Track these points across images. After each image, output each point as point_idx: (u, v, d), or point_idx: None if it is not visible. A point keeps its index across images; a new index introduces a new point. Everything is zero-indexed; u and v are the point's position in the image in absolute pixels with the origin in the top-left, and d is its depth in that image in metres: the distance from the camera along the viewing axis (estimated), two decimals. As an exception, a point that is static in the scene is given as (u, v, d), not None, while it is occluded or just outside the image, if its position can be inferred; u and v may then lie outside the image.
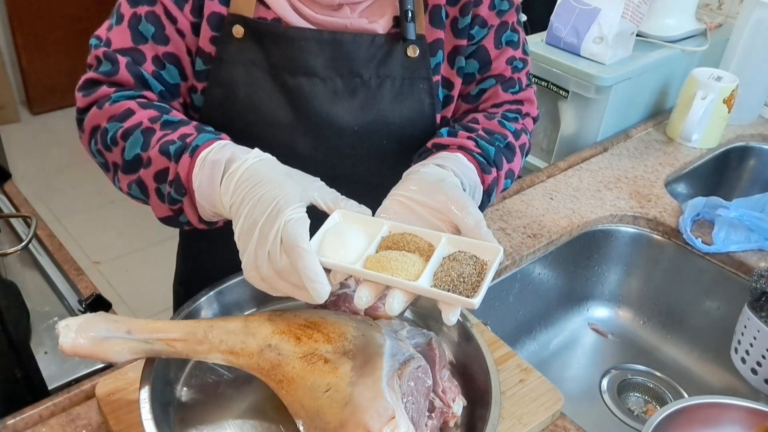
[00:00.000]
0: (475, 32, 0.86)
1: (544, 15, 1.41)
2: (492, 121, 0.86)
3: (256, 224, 0.62)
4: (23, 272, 1.06)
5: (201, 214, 0.71)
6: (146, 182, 0.72)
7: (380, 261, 0.62)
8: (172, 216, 0.73)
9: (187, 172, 0.68)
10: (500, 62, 0.89)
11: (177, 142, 0.70)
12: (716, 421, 0.78)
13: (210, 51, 0.80)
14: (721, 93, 1.30)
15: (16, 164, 2.87)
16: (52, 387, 0.89)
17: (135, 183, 0.73)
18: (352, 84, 0.83)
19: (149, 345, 0.65)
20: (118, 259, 2.60)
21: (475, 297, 0.60)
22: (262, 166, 0.67)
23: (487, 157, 0.81)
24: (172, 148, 0.69)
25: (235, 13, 0.79)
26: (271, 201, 0.62)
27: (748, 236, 1.08)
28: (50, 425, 0.72)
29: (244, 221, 0.63)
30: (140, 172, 0.72)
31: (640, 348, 1.19)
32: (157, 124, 0.73)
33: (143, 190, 0.73)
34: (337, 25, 0.81)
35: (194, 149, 0.69)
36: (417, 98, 0.86)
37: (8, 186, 1.22)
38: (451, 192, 0.70)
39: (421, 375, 0.64)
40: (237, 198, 0.65)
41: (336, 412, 0.59)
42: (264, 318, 0.67)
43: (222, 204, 0.67)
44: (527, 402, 0.74)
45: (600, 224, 1.16)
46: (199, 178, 0.67)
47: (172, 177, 0.70)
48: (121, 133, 0.72)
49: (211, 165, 0.67)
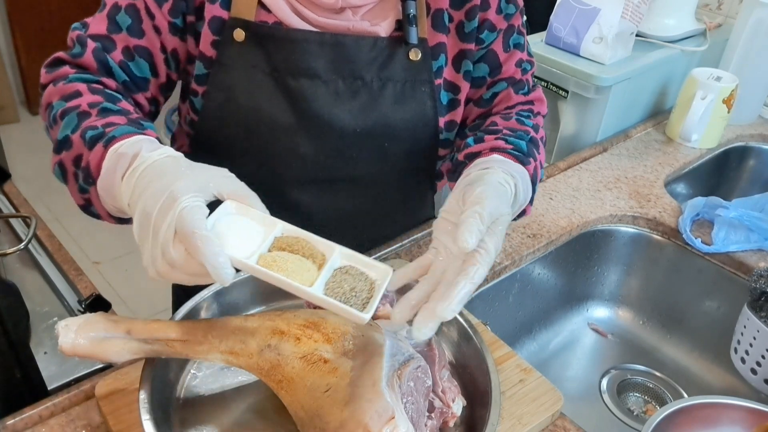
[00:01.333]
0: (484, 36, 0.87)
1: (543, 15, 1.41)
2: (510, 121, 0.87)
3: (150, 217, 0.59)
4: (23, 272, 1.06)
5: (106, 207, 0.69)
6: (66, 165, 0.71)
7: (275, 261, 0.61)
8: (85, 205, 0.72)
9: (97, 162, 0.66)
10: (510, 65, 0.90)
11: (99, 128, 0.68)
12: (716, 421, 0.78)
13: (211, 55, 0.80)
14: (720, 93, 1.30)
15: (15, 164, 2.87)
16: (52, 387, 0.88)
17: (58, 164, 0.72)
18: (354, 86, 0.83)
19: (149, 345, 0.65)
20: (117, 260, 2.60)
21: (367, 312, 0.59)
22: (166, 162, 0.63)
23: (521, 151, 0.80)
24: (89, 134, 0.68)
25: (236, 16, 0.79)
26: (164, 191, 0.59)
27: (748, 236, 1.08)
28: (50, 425, 0.72)
29: (139, 216, 0.60)
30: (63, 154, 0.71)
31: (639, 348, 1.19)
32: (95, 109, 0.71)
33: (63, 172, 0.72)
34: (339, 27, 0.81)
35: (110, 140, 0.66)
36: (418, 101, 0.86)
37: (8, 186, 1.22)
38: (479, 189, 0.67)
39: (421, 375, 0.64)
40: (135, 193, 0.62)
41: (336, 413, 0.59)
42: (264, 318, 0.67)
43: (122, 200, 0.64)
44: (527, 402, 0.74)
45: (600, 224, 1.16)
46: (105, 168, 0.65)
47: (83, 164, 0.68)
48: (61, 113, 0.72)
49: (117, 158, 0.64)
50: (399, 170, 0.92)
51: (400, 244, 1.01)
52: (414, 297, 0.63)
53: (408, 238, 1.02)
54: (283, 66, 0.81)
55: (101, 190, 0.66)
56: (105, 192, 0.66)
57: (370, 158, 0.88)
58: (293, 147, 0.84)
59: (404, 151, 0.89)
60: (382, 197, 0.95)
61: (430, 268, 0.65)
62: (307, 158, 0.85)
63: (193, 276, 0.59)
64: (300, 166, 0.86)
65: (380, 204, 0.95)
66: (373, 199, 0.94)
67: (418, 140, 0.89)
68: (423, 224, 1.05)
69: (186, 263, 0.58)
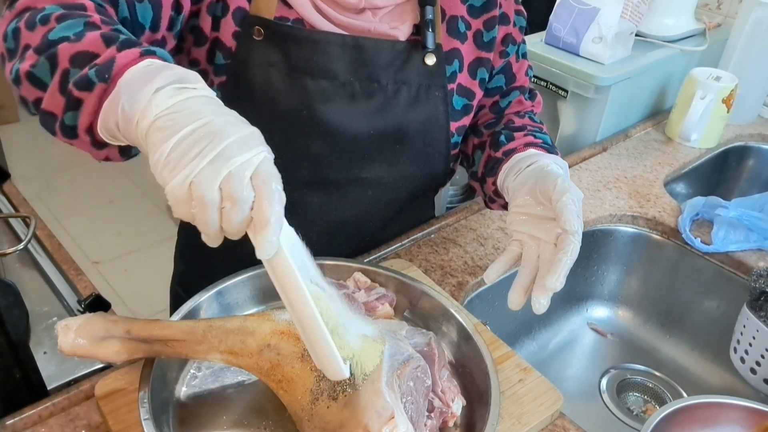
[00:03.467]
0: (509, 50, 0.93)
1: (543, 15, 1.41)
2: (525, 119, 0.95)
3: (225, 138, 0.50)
4: (22, 272, 1.06)
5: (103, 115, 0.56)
6: (59, 60, 0.58)
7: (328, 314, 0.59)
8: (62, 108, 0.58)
9: (127, 62, 0.56)
10: (521, 74, 0.97)
11: (130, 38, 0.59)
12: (715, 420, 0.78)
13: (231, 46, 0.80)
14: (720, 93, 1.30)
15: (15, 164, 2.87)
16: (51, 387, 0.88)
17: (44, 59, 0.58)
18: (370, 89, 0.84)
19: (148, 345, 0.65)
20: (117, 259, 2.60)
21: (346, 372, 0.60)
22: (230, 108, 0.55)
23: (549, 144, 0.88)
24: (121, 38, 0.58)
25: (256, 14, 0.79)
26: (246, 127, 0.52)
27: (747, 236, 1.08)
28: (49, 425, 0.72)
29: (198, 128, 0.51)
30: (58, 48, 0.58)
31: (639, 348, 1.19)
32: (107, 27, 0.61)
33: (51, 68, 0.58)
34: (360, 28, 0.81)
35: (149, 52, 0.57)
36: (432, 105, 0.87)
37: (7, 186, 1.22)
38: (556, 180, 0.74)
39: (421, 375, 0.64)
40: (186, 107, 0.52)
41: (335, 412, 0.59)
42: (263, 318, 0.67)
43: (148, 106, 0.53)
44: (526, 402, 0.74)
45: (599, 224, 1.16)
46: (136, 72, 0.55)
47: (103, 60, 0.56)
48: (59, 16, 0.61)
49: (160, 69, 0.55)
50: (409, 173, 0.92)
51: (400, 244, 1.01)
52: (522, 282, 0.73)
53: (408, 239, 1.02)
54: (303, 66, 0.80)
55: (122, 88, 0.55)
56: (128, 94, 0.54)
57: (382, 160, 0.88)
58: (306, 146, 0.84)
59: (415, 155, 0.90)
60: (390, 200, 0.95)
61: (523, 256, 0.75)
62: (319, 158, 0.85)
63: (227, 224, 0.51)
64: (312, 165, 0.86)
65: (388, 206, 0.96)
66: (381, 201, 0.94)
67: (430, 144, 0.90)
68: (423, 224, 1.05)
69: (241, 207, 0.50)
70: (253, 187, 0.50)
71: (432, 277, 0.94)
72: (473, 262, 1.00)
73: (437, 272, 0.97)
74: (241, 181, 0.50)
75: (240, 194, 0.50)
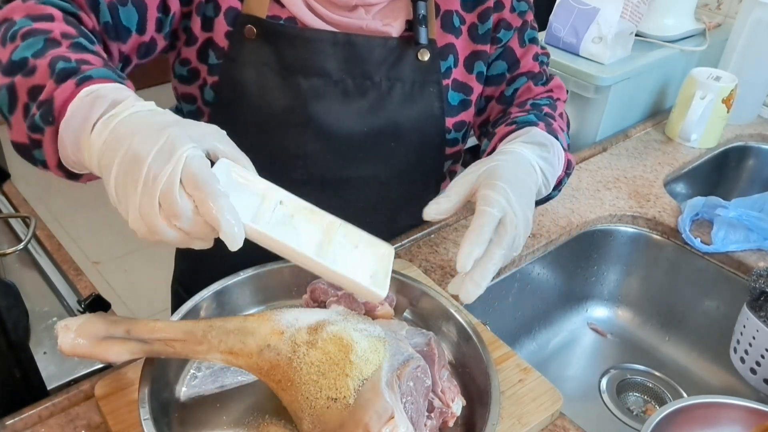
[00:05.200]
0: (501, 35, 0.89)
1: (543, 15, 1.41)
2: (525, 106, 0.90)
3: (142, 162, 0.51)
4: (22, 272, 1.06)
5: (61, 154, 0.59)
6: (18, 92, 0.60)
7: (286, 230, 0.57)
8: (27, 145, 0.61)
9: (65, 99, 0.57)
10: (528, 60, 0.92)
11: (72, 62, 0.59)
12: (715, 420, 0.78)
13: (223, 45, 0.80)
14: (720, 93, 1.30)
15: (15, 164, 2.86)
16: (51, 387, 0.88)
17: (6, 88, 0.61)
18: (363, 86, 0.83)
19: (148, 345, 0.65)
20: (117, 260, 2.60)
21: (382, 290, 0.60)
22: (154, 113, 0.56)
23: (530, 122, 0.83)
24: (60, 65, 0.58)
25: (248, 13, 0.79)
26: (160, 135, 0.52)
27: (747, 236, 1.08)
28: (49, 425, 0.72)
29: (124, 161, 0.52)
30: (17, 77, 0.60)
31: (639, 348, 1.19)
32: (67, 41, 0.62)
33: (12, 99, 0.60)
34: (352, 26, 0.81)
35: (85, 78, 0.57)
36: (426, 102, 0.87)
37: (7, 186, 1.22)
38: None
39: (420, 375, 0.64)
40: (112, 139, 0.53)
41: (335, 412, 0.59)
42: (263, 318, 0.67)
43: (89, 148, 0.55)
44: (526, 402, 0.74)
45: (599, 224, 1.16)
46: (73, 109, 0.56)
47: (44, 97, 0.58)
48: (24, 32, 0.62)
49: (92, 100, 0.56)
50: (405, 171, 0.92)
51: (399, 244, 1.01)
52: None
53: (408, 239, 1.02)
54: (295, 65, 0.80)
55: (64, 132, 0.57)
56: (68, 136, 0.56)
57: (377, 158, 0.88)
58: (300, 145, 0.84)
59: (411, 152, 0.89)
60: (387, 198, 0.95)
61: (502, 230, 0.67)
62: (314, 157, 0.85)
63: (192, 236, 0.53)
64: (307, 164, 0.86)
65: (385, 205, 0.95)
66: (378, 199, 0.94)
67: (425, 141, 0.89)
68: (423, 224, 1.05)
69: (185, 219, 0.51)
70: (187, 195, 0.52)
71: (432, 277, 0.94)
72: (473, 262, 1.00)
73: (437, 272, 0.97)
74: (173, 198, 0.51)
75: (177, 209, 0.51)
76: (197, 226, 0.52)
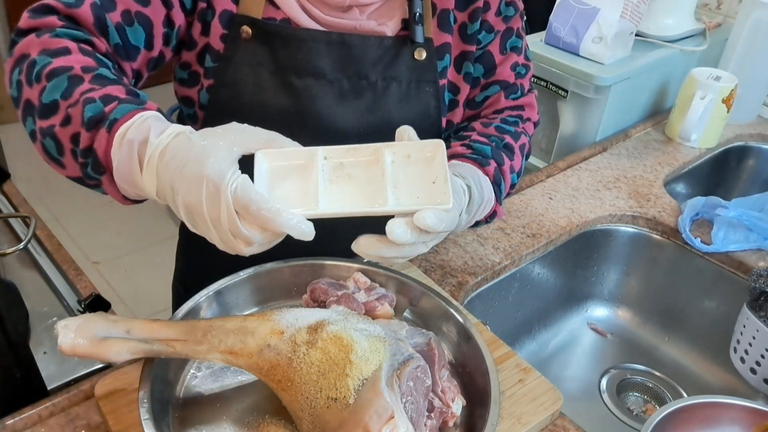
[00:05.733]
0: (482, 37, 0.87)
1: (543, 15, 1.41)
2: (489, 128, 0.88)
3: (201, 212, 0.58)
4: (22, 272, 1.06)
5: (123, 193, 0.66)
6: (62, 140, 0.65)
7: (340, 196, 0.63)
8: (87, 183, 0.68)
9: (104, 150, 0.62)
10: (505, 68, 0.90)
11: (97, 102, 0.63)
12: (715, 420, 0.78)
13: (219, 48, 0.80)
14: (720, 93, 1.30)
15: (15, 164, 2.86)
16: (51, 387, 0.88)
17: (51, 137, 0.66)
18: (359, 86, 0.83)
19: (148, 345, 0.65)
20: (117, 259, 2.60)
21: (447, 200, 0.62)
22: (178, 145, 0.60)
23: (484, 155, 0.82)
24: (88, 114, 0.63)
25: (244, 13, 0.79)
26: (200, 179, 0.57)
27: (747, 236, 1.08)
28: (49, 425, 0.72)
29: (187, 212, 0.60)
30: (56, 127, 0.65)
31: (639, 347, 1.19)
32: (89, 74, 0.66)
33: (58, 146, 0.66)
34: (346, 26, 0.81)
35: (112, 123, 0.62)
36: (423, 101, 0.86)
37: (7, 186, 1.22)
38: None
39: (421, 375, 0.64)
40: (165, 184, 0.60)
41: (335, 412, 0.59)
42: (263, 318, 0.67)
43: (148, 190, 0.62)
44: (526, 402, 0.74)
45: (599, 224, 1.16)
46: (117, 158, 0.61)
47: (85, 145, 0.63)
48: (48, 72, 0.66)
49: (128, 147, 0.61)
50: None
51: (399, 244, 1.01)
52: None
53: (407, 238, 1.02)
54: (290, 65, 0.80)
55: (121, 182, 0.63)
56: (125, 183, 0.63)
57: None
58: None
59: None
60: None
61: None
62: None
63: (273, 241, 0.61)
64: None
65: None
66: None
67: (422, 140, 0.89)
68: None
69: (263, 236, 0.59)
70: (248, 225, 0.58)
71: (432, 277, 0.94)
72: (473, 262, 1.00)
73: (437, 272, 0.97)
74: (239, 232, 0.58)
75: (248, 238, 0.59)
76: (270, 238, 0.60)
